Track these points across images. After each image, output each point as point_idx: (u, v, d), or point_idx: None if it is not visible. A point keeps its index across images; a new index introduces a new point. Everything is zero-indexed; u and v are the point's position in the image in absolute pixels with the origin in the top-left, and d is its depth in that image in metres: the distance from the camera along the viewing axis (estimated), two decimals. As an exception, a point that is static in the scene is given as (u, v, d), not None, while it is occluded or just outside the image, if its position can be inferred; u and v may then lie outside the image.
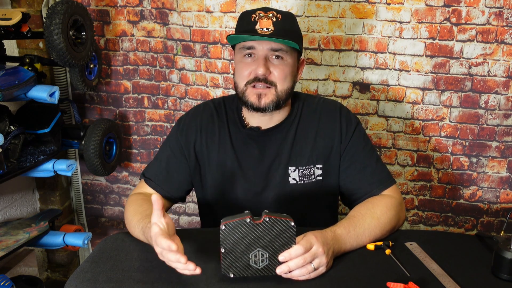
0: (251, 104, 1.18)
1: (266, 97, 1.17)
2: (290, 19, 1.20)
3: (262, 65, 1.15)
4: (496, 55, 1.73)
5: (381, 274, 0.99)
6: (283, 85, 1.18)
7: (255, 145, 1.26)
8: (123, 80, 2.08)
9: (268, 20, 1.15)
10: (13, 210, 2.03)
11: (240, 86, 1.20)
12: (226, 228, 0.92)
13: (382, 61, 1.82)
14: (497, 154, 1.83)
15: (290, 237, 0.93)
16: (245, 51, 1.18)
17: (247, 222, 0.91)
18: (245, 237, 0.92)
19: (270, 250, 0.93)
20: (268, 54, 1.17)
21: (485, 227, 1.92)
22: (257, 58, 1.17)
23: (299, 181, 1.24)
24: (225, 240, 0.92)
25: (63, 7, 1.57)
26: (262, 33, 1.14)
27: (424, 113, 1.84)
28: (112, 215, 2.28)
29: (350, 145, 1.25)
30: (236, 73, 1.23)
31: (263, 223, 0.92)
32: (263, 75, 1.16)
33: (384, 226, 1.13)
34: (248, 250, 0.93)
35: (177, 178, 1.30)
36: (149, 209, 1.13)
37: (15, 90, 1.55)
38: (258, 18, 1.15)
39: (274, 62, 1.17)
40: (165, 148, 1.32)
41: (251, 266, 0.93)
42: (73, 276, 1.00)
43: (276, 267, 0.93)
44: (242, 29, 1.19)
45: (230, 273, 0.93)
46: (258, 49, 1.16)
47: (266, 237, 0.92)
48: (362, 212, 1.14)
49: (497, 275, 1.00)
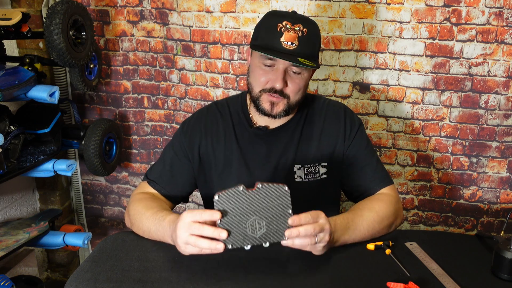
0: (264, 110, 1.21)
1: (278, 106, 1.20)
2: (315, 33, 1.20)
3: (281, 80, 1.17)
4: (496, 55, 1.73)
5: (381, 274, 1.00)
6: (295, 97, 1.21)
7: (263, 144, 1.28)
8: (123, 80, 2.08)
9: (294, 33, 1.15)
10: (13, 210, 2.03)
11: (255, 90, 1.22)
12: (219, 199, 0.92)
13: (382, 61, 1.82)
14: (497, 154, 1.83)
15: (285, 202, 0.93)
16: (266, 61, 1.18)
17: (240, 190, 0.92)
18: (240, 207, 0.93)
19: (266, 218, 0.93)
20: (288, 67, 1.18)
21: (485, 227, 1.92)
22: (276, 69, 1.18)
23: (304, 179, 1.27)
24: (220, 211, 0.92)
25: (63, 7, 1.57)
26: (286, 47, 1.14)
27: (424, 113, 1.84)
28: (112, 215, 2.28)
29: (353, 145, 1.28)
30: (252, 75, 1.23)
31: (256, 191, 0.93)
32: (280, 89, 1.18)
33: (382, 220, 1.15)
34: (244, 220, 0.93)
35: (180, 180, 1.31)
36: (164, 205, 1.24)
37: (15, 90, 1.55)
38: (285, 29, 1.15)
39: (292, 76, 1.19)
40: (169, 151, 1.33)
41: (248, 235, 0.93)
42: (73, 276, 1.00)
43: (273, 235, 0.93)
44: (266, 37, 1.18)
45: (228, 244, 0.93)
46: (279, 61, 1.17)
47: (261, 205, 0.93)
48: (361, 206, 1.19)
49: (497, 275, 1.00)
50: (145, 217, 1.14)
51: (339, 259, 1.05)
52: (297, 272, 1.01)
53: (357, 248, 1.10)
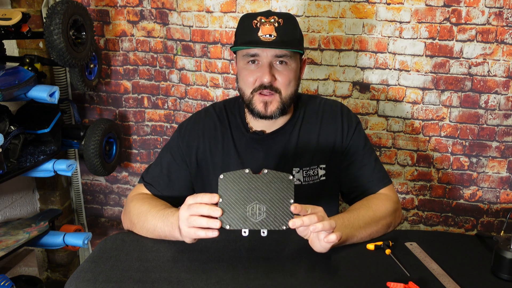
0: (258, 112, 1.20)
1: (271, 104, 1.19)
2: (291, 22, 1.20)
3: (268, 73, 1.16)
4: (496, 55, 1.73)
5: (381, 274, 0.99)
6: (287, 91, 1.19)
7: (260, 149, 1.27)
8: (123, 80, 2.08)
9: (270, 26, 1.14)
10: (13, 210, 2.03)
11: (246, 93, 1.21)
12: (224, 178, 0.93)
13: (382, 61, 1.82)
14: (497, 154, 1.83)
15: (288, 192, 0.94)
16: (249, 58, 1.18)
17: (246, 173, 0.93)
18: (243, 189, 0.93)
19: (267, 204, 0.93)
20: (272, 60, 1.17)
21: (485, 227, 1.92)
22: (261, 65, 1.17)
23: (303, 182, 1.25)
24: (223, 191, 0.93)
25: (63, 7, 1.57)
26: (265, 40, 1.14)
27: (424, 113, 1.84)
28: (112, 215, 2.28)
29: (351, 144, 1.27)
30: (240, 80, 1.23)
31: (261, 175, 0.93)
32: (269, 82, 1.17)
33: (379, 219, 1.15)
34: (245, 203, 0.93)
35: (178, 184, 1.30)
36: (169, 204, 1.22)
37: (15, 90, 1.55)
38: (260, 24, 1.15)
39: (279, 68, 1.18)
40: (165, 154, 1.32)
41: (247, 219, 0.93)
42: (73, 276, 1.00)
43: (272, 222, 0.93)
44: (244, 36, 1.18)
45: (226, 224, 0.93)
46: (262, 56, 1.16)
47: (264, 191, 0.93)
48: (358, 206, 1.18)
49: (497, 275, 1.00)
50: (151, 215, 1.14)
51: (339, 259, 1.05)
52: (297, 272, 1.01)
53: (357, 248, 1.10)
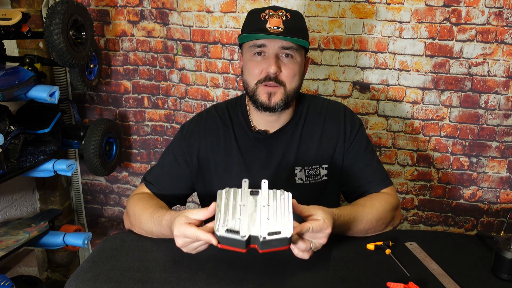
0: (261, 103, 1.20)
1: (275, 96, 1.19)
2: (299, 17, 1.21)
3: (274, 64, 1.16)
4: (496, 55, 1.73)
5: (381, 274, 1.00)
6: (291, 84, 1.20)
7: (263, 148, 1.27)
8: (123, 80, 2.08)
9: (278, 18, 1.16)
10: (13, 210, 2.03)
11: (251, 85, 1.21)
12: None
13: (382, 61, 1.82)
14: (497, 154, 1.83)
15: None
16: (256, 49, 1.19)
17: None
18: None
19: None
20: (279, 52, 1.18)
21: (485, 227, 1.92)
22: (268, 57, 1.18)
23: (305, 181, 1.26)
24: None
25: (63, 7, 1.57)
26: (273, 31, 1.15)
27: (424, 113, 1.84)
28: (112, 215, 2.28)
29: (353, 145, 1.28)
30: (246, 72, 1.23)
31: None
32: (275, 73, 1.17)
33: (379, 216, 1.16)
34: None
35: (178, 184, 1.30)
36: (160, 202, 1.23)
37: (15, 90, 1.55)
38: (268, 16, 1.16)
39: (284, 61, 1.19)
40: (167, 154, 1.33)
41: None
42: (73, 276, 1.00)
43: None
44: (252, 27, 1.19)
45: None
46: (269, 47, 1.17)
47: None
48: (359, 202, 1.20)
49: (497, 275, 1.00)
50: (144, 219, 1.14)
51: (339, 259, 1.05)
52: (297, 272, 1.01)
53: (357, 248, 1.10)
